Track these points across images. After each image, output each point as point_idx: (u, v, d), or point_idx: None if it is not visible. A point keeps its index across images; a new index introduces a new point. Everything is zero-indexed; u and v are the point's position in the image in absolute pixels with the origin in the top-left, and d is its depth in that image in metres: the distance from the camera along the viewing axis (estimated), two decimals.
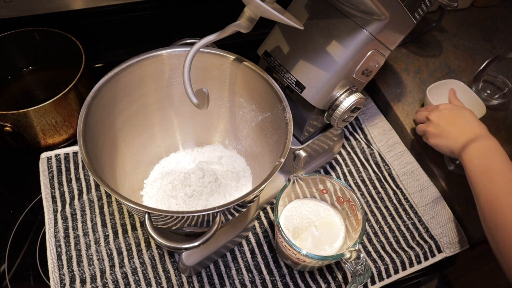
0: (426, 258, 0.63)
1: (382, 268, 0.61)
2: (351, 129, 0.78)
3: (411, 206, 0.68)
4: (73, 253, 0.59)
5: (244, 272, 0.60)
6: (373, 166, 0.73)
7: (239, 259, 0.61)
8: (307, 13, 0.56)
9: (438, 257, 0.63)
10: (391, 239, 0.65)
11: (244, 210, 0.53)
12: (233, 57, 0.57)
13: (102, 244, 0.60)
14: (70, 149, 0.69)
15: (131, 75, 0.55)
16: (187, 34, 0.72)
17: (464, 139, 0.60)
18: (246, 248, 0.62)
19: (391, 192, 0.70)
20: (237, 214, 0.51)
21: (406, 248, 0.63)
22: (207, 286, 0.58)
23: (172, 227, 0.48)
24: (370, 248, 0.63)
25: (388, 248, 0.64)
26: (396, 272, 0.62)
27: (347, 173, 0.72)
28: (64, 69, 0.75)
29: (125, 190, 0.56)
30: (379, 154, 0.74)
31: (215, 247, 0.57)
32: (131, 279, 0.57)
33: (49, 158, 0.68)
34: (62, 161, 0.68)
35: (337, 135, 0.69)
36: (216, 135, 0.65)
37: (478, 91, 0.81)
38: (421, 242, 0.64)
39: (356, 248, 0.52)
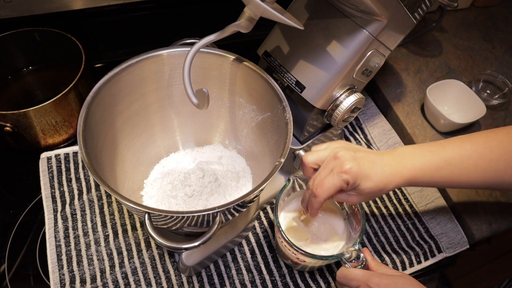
0: (426, 258, 0.63)
1: None
2: (351, 129, 0.78)
3: (411, 206, 0.68)
4: (73, 253, 0.59)
5: (244, 272, 0.60)
6: None
7: (239, 259, 0.61)
8: (307, 13, 0.56)
9: (438, 257, 0.63)
10: (391, 239, 0.65)
11: (244, 210, 0.53)
12: (233, 57, 0.57)
13: (102, 244, 0.60)
14: (70, 149, 0.69)
15: (131, 75, 0.55)
16: (187, 34, 0.72)
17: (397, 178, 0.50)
18: (246, 248, 0.62)
19: (391, 192, 0.70)
20: (237, 214, 0.51)
21: (406, 248, 0.63)
22: (207, 286, 0.58)
23: (172, 227, 0.48)
24: (370, 248, 0.63)
25: (388, 248, 0.64)
26: None
27: None
28: (64, 69, 0.75)
29: (125, 190, 0.56)
30: None
31: (215, 247, 0.57)
32: (131, 279, 0.57)
33: (49, 158, 0.68)
34: (62, 161, 0.68)
35: (337, 135, 0.69)
36: (216, 135, 0.65)
37: (478, 91, 0.81)
38: (421, 242, 0.64)
39: (356, 248, 0.52)
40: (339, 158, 0.48)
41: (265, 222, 0.65)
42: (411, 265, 0.62)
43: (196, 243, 0.42)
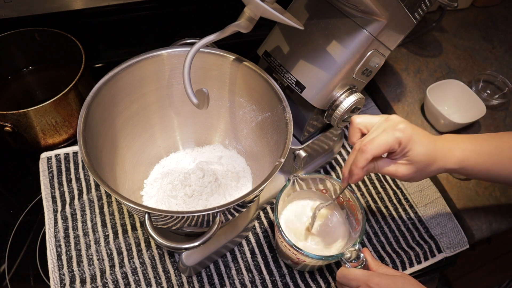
0: (426, 258, 0.63)
1: None
2: None
3: (411, 206, 0.68)
4: (73, 253, 0.59)
5: (244, 272, 0.60)
6: None
7: (239, 259, 0.61)
8: (307, 13, 0.56)
9: (438, 257, 0.63)
10: (391, 239, 0.65)
11: (244, 210, 0.53)
12: (233, 57, 0.57)
13: (102, 244, 0.60)
14: (70, 149, 0.69)
15: (131, 75, 0.55)
16: (187, 34, 0.72)
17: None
18: (246, 248, 0.62)
19: (391, 192, 0.70)
20: (237, 214, 0.51)
21: (406, 248, 0.63)
22: (207, 286, 0.58)
23: (172, 227, 0.48)
24: (370, 248, 0.63)
25: (388, 248, 0.64)
26: None
27: None
28: (64, 69, 0.75)
29: (125, 190, 0.56)
30: None
31: (215, 247, 0.57)
32: (131, 279, 0.57)
33: (49, 158, 0.68)
34: (62, 161, 0.68)
35: (337, 135, 0.69)
36: (216, 135, 0.65)
37: (478, 91, 0.81)
38: (421, 242, 0.64)
39: (356, 248, 0.52)
40: (392, 120, 0.47)
41: (265, 222, 0.65)
42: (411, 265, 0.62)
43: (196, 243, 0.42)
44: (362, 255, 0.51)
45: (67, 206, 0.63)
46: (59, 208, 0.63)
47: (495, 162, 0.50)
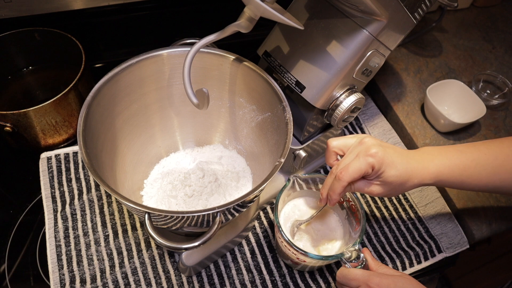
0: (426, 258, 0.63)
1: None
2: (351, 129, 0.78)
3: (411, 206, 0.68)
4: (73, 253, 0.59)
5: (244, 272, 0.60)
6: None
7: (239, 259, 0.61)
8: (307, 13, 0.56)
9: (438, 257, 0.63)
10: (391, 239, 0.65)
11: (244, 210, 0.53)
12: (233, 57, 0.57)
13: (102, 244, 0.60)
14: (70, 149, 0.69)
15: (131, 75, 0.55)
16: (187, 34, 0.72)
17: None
18: (246, 248, 0.62)
19: None
20: (237, 214, 0.51)
21: (406, 248, 0.63)
22: (207, 286, 0.58)
23: (172, 227, 0.48)
24: (370, 248, 0.63)
25: (388, 248, 0.64)
26: None
27: None
28: (64, 69, 0.75)
29: (125, 190, 0.56)
30: None
31: (215, 247, 0.57)
32: (131, 279, 0.57)
33: (49, 158, 0.68)
34: (62, 161, 0.68)
35: (337, 135, 0.69)
36: (216, 135, 0.65)
37: (478, 91, 0.81)
38: (421, 242, 0.64)
39: (356, 248, 0.52)
40: (365, 143, 0.49)
41: (265, 222, 0.65)
42: (411, 265, 0.62)
43: (196, 243, 0.42)
44: (362, 255, 0.51)
45: (67, 206, 0.63)
46: (59, 208, 0.63)
47: (470, 174, 0.51)
